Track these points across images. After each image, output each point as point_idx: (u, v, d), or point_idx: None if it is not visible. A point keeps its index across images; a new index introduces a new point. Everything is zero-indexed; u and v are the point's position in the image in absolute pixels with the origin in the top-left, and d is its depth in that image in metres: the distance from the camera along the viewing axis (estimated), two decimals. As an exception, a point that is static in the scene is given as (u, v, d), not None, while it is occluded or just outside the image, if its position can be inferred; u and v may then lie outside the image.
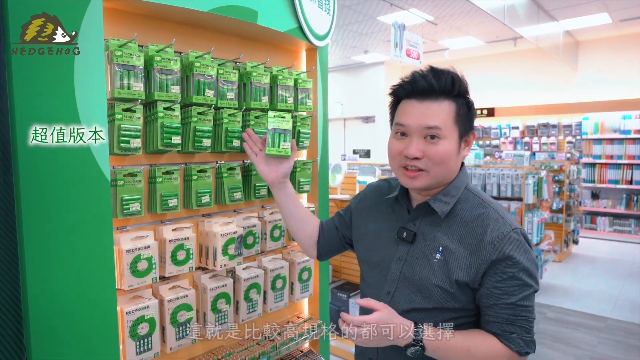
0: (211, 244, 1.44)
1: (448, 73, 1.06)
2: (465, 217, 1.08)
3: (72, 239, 1.07)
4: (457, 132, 1.07)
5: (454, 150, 1.07)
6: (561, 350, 3.61)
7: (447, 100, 1.06)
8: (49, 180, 1.05)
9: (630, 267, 6.02)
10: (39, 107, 1.03)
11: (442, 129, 1.04)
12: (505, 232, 1.03)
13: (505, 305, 1.02)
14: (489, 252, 1.01)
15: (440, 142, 1.04)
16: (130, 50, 1.20)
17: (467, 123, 1.09)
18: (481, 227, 1.05)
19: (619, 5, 6.28)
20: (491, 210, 1.08)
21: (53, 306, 1.07)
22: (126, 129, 1.20)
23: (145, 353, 1.28)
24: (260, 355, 1.59)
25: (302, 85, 1.70)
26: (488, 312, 1.05)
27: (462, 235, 1.07)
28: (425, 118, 1.04)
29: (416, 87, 1.06)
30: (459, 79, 1.07)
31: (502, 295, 1.01)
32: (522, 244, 1.03)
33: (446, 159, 1.05)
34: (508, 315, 1.02)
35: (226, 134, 1.45)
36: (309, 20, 1.67)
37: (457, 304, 1.06)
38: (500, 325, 1.03)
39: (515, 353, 1.02)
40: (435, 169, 1.06)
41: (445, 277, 1.05)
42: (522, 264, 1.02)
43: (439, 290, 1.05)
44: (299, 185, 1.74)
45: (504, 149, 8.64)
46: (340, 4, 6.07)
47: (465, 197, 1.11)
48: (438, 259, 1.06)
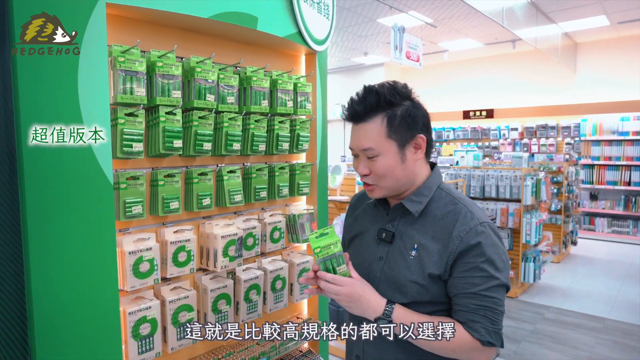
0: (212, 246, 1.47)
1: (372, 91, 1.10)
2: (437, 214, 1.14)
3: (76, 241, 1.10)
4: (395, 144, 1.11)
5: (394, 162, 1.11)
6: (559, 351, 3.64)
7: (378, 116, 1.10)
8: (53, 182, 1.07)
9: (628, 268, 6.04)
10: (43, 107, 1.05)
11: (374, 148, 1.10)
12: (472, 226, 1.08)
13: (470, 294, 1.06)
14: (456, 244, 1.07)
15: (378, 159, 1.11)
16: (132, 56, 1.22)
17: (406, 130, 1.11)
18: (451, 222, 1.10)
19: (617, 8, 6.31)
20: (461, 206, 1.13)
21: (57, 307, 1.09)
22: (129, 133, 1.23)
23: (147, 353, 1.30)
24: (260, 355, 1.62)
25: (302, 89, 1.73)
26: (455, 301, 1.10)
27: (434, 231, 1.12)
28: (360, 140, 1.12)
29: (348, 115, 1.15)
30: (383, 91, 1.10)
31: (466, 284, 1.06)
32: (489, 236, 1.08)
33: (388, 173, 1.12)
34: (472, 305, 1.06)
35: (226, 137, 1.48)
36: (308, 25, 1.69)
37: (431, 297, 1.11)
38: (465, 313, 1.07)
39: (478, 341, 1.04)
40: (381, 182, 1.13)
41: (419, 272, 1.11)
42: (487, 255, 1.06)
43: (414, 286, 1.11)
44: (298, 187, 1.77)
45: (503, 150, 8.66)
46: (340, 7, 6.10)
47: (438, 195, 1.17)
48: (413, 255, 1.12)
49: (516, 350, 3.65)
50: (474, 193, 5.23)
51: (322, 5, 1.79)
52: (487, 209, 5.09)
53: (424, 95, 1.22)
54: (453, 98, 9.78)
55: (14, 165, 1.10)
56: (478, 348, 1.05)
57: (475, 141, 9.30)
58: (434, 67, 9.94)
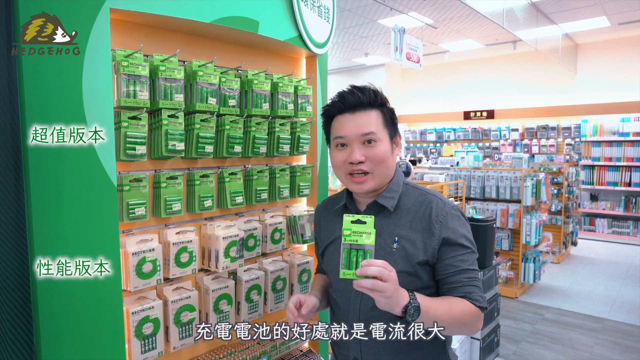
0: (213, 247, 1.49)
1: (369, 88, 1.24)
2: (410, 207, 1.23)
3: (80, 242, 1.12)
4: (388, 134, 1.23)
5: (389, 149, 1.22)
6: (559, 351, 3.65)
7: (374, 110, 1.22)
8: (58, 183, 1.09)
9: (628, 268, 6.05)
10: (47, 108, 1.07)
11: (376, 133, 1.20)
12: (447, 210, 1.20)
13: (461, 271, 1.17)
14: (438, 228, 1.18)
15: (377, 145, 1.20)
16: (136, 60, 1.24)
17: (393, 126, 1.26)
18: (427, 210, 1.21)
19: (618, 9, 6.32)
20: (431, 196, 1.24)
21: (62, 307, 1.11)
22: (132, 136, 1.25)
23: (149, 352, 1.32)
24: (261, 355, 1.64)
25: (302, 91, 1.75)
26: (449, 280, 1.18)
27: (411, 221, 1.21)
28: (361, 127, 1.20)
29: (347, 103, 1.22)
30: (378, 91, 1.24)
31: (456, 262, 1.17)
32: (461, 218, 1.22)
33: (385, 158, 1.20)
34: (465, 279, 1.17)
35: (228, 140, 1.50)
36: (309, 28, 1.71)
37: (421, 284, 1.18)
38: (461, 288, 1.17)
39: (479, 309, 1.16)
40: (377, 169, 1.20)
41: (406, 261, 1.17)
42: (464, 233, 1.20)
43: (405, 276, 1.16)
44: (299, 189, 1.79)
45: (503, 151, 8.68)
46: (341, 8, 6.12)
47: (405, 190, 1.27)
48: (396, 247, 1.19)
49: (515, 350, 3.67)
50: (474, 194, 5.24)
51: (322, 8, 1.81)
52: (487, 209, 5.11)
53: (425, 96, 1.27)
54: (454, 99, 9.79)
55: (19, 166, 1.12)
56: (479, 315, 1.17)
57: (475, 142, 9.31)
58: (434, 68, 9.96)
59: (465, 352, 3.20)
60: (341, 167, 1.23)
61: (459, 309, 1.13)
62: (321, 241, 1.38)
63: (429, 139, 9.96)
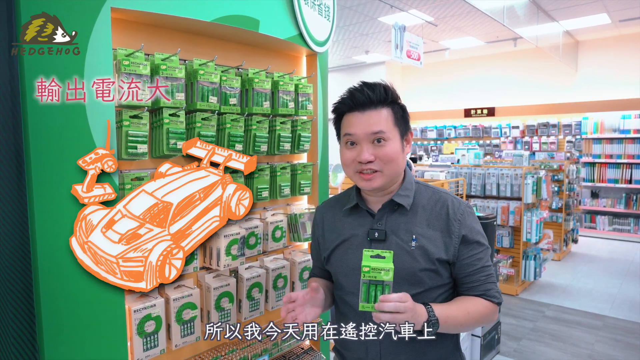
0: (215, 245, 1.49)
1: (380, 85, 1.21)
2: (425, 205, 1.24)
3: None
4: (398, 133, 1.21)
5: (399, 148, 1.20)
6: (559, 349, 3.66)
7: (384, 108, 1.19)
8: (59, 181, 1.10)
9: (629, 266, 6.05)
10: (49, 109, 1.07)
11: (386, 132, 1.17)
12: (463, 208, 1.22)
13: (479, 269, 1.20)
14: (457, 227, 1.19)
15: (387, 144, 1.18)
16: (137, 59, 1.25)
17: (405, 124, 1.23)
18: (443, 209, 1.22)
19: (618, 6, 6.31)
20: (445, 194, 1.25)
21: (64, 304, 1.12)
22: (133, 135, 1.25)
23: (151, 349, 1.33)
24: (262, 352, 1.64)
25: (303, 90, 1.75)
26: (468, 279, 1.20)
27: (428, 219, 1.21)
28: (370, 125, 1.17)
29: (356, 101, 1.19)
30: (389, 88, 1.21)
31: (475, 261, 1.20)
32: (474, 215, 1.25)
33: (395, 157, 1.18)
34: (482, 277, 1.20)
35: (229, 138, 1.50)
36: (309, 27, 1.71)
37: (441, 281, 1.20)
38: (479, 286, 1.20)
39: (496, 305, 1.21)
40: (387, 168, 1.18)
41: (426, 259, 1.17)
42: (479, 230, 1.23)
43: (427, 273, 1.17)
44: (300, 187, 1.79)
45: (504, 149, 8.66)
46: (341, 5, 6.11)
47: (418, 189, 1.27)
48: (415, 246, 1.18)
49: (516, 347, 3.68)
50: (475, 191, 5.25)
51: (322, 7, 1.81)
52: (488, 207, 5.11)
53: (425, 94, 1.27)
54: (454, 96, 9.78)
55: (21, 166, 1.13)
56: (495, 310, 1.21)
57: (476, 139, 9.30)
58: (435, 65, 9.94)
59: (466, 350, 3.21)
60: (350, 165, 1.21)
61: (477, 311, 1.16)
62: (326, 243, 1.32)
63: (429, 136, 9.95)
